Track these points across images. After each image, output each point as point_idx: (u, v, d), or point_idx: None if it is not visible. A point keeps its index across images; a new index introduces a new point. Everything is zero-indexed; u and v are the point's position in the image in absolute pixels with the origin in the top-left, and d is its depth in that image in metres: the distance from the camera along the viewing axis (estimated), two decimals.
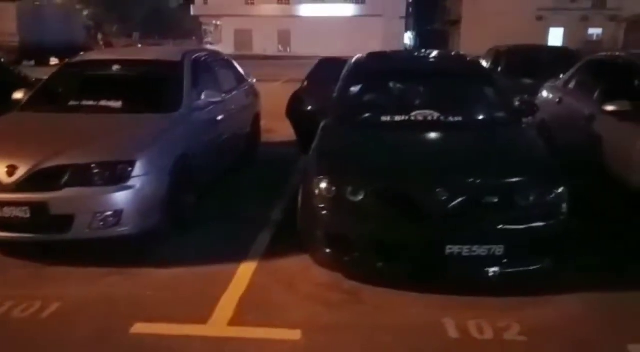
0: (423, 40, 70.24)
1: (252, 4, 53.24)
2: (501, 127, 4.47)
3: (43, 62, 26.63)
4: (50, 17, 34.42)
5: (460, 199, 3.44)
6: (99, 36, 31.70)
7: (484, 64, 11.48)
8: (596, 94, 5.47)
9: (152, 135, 4.32)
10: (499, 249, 3.42)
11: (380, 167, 3.76)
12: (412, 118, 4.54)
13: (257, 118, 7.18)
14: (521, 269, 3.53)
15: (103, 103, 4.86)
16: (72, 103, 4.98)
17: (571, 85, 6.29)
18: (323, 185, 3.62)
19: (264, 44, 51.51)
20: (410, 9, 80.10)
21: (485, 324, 3.21)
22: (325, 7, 52.40)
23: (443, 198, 3.44)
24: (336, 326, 3.21)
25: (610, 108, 4.71)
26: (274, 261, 4.10)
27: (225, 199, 5.50)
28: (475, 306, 3.43)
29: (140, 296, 3.54)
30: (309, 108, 5.20)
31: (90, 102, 4.89)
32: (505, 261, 3.45)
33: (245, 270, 3.94)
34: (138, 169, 3.94)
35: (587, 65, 6.06)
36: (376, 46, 48.40)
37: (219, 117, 5.51)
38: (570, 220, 3.58)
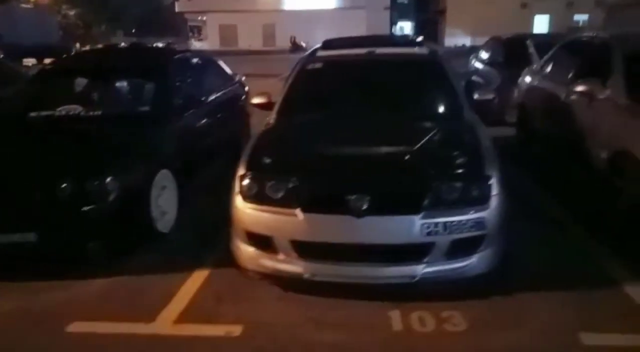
0: (419, 30, 69.66)
1: None
2: (133, 122, 4.66)
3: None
4: (21, 18, 35.25)
5: None
6: None
7: None
8: None
9: None
10: (32, 236, 3.67)
11: None
12: (56, 114, 4.80)
13: None
14: (57, 252, 3.82)
15: None
16: None
17: None
18: None
19: (249, 39, 51.72)
20: (406, 0, 79.44)
21: None
22: (309, 0, 52.38)
23: None
24: None
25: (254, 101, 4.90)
26: None
27: None
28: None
29: None
30: None
31: None
32: (41, 245, 3.70)
33: None
34: None
35: None
36: None
37: None
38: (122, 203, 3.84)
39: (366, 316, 3.22)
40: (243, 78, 7.77)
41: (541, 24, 47.75)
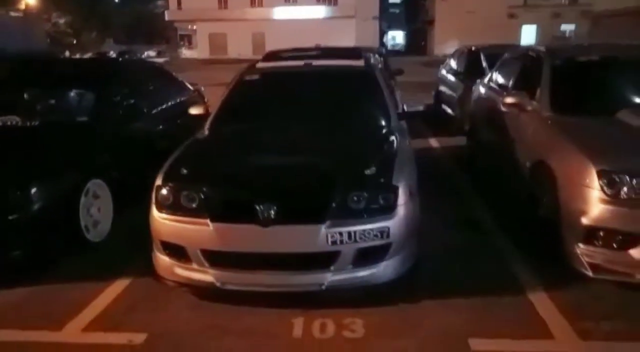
0: (410, 39, 70.25)
1: (226, 8, 53.73)
2: (69, 132, 4.72)
3: None
4: (10, 26, 35.31)
5: None
6: None
7: None
8: None
9: None
10: None
11: None
12: None
13: None
14: None
15: None
16: None
17: None
18: None
19: (239, 48, 51.95)
20: (398, 10, 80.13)
21: None
22: (298, 9, 52.75)
23: None
24: None
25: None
26: None
27: None
28: None
29: None
30: None
31: None
32: None
33: None
34: None
35: None
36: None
37: None
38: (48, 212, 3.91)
39: (272, 323, 3.28)
40: (202, 88, 7.85)
41: (528, 34, 48.18)
